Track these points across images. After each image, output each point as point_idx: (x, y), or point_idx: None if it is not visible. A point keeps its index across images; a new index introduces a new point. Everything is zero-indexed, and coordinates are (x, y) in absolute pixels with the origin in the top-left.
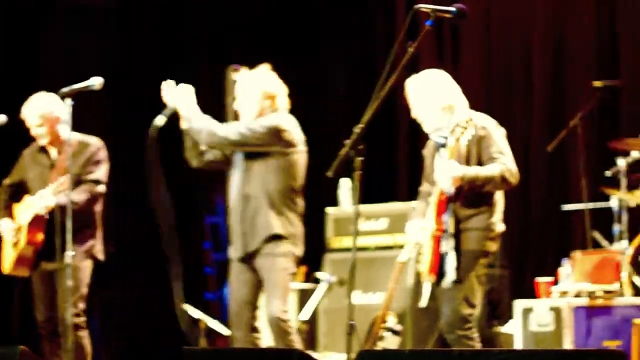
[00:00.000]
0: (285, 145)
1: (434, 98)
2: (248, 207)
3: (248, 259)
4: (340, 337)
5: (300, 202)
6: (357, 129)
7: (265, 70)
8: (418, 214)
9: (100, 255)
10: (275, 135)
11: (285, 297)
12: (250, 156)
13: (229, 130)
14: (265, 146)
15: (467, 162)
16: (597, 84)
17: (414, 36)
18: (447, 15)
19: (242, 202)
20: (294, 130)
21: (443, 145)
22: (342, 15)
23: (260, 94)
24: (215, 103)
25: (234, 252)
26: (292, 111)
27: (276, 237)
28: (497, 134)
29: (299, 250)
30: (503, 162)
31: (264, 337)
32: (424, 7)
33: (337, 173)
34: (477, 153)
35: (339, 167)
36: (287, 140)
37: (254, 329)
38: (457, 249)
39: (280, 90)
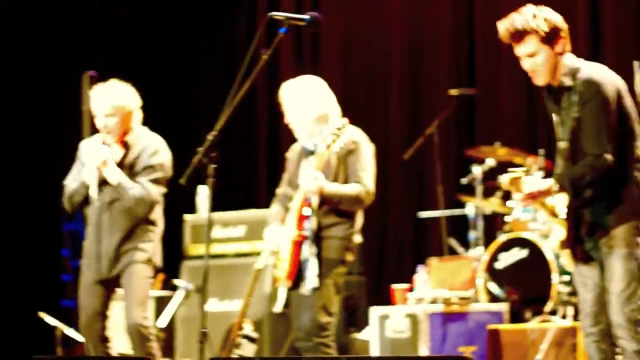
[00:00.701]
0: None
1: (309, 105)
2: None
3: None
4: (197, 345)
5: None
6: (210, 136)
7: (117, 84)
8: (275, 218)
9: None
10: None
11: (145, 304)
12: None
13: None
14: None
15: (335, 174)
16: (453, 92)
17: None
18: (301, 23)
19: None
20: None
21: (312, 152)
22: (205, 23)
23: (120, 112)
24: (72, 109)
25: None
26: (151, 120)
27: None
28: (366, 151)
29: (157, 258)
30: (364, 183)
31: (115, 346)
32: (278, 14)
33: (189, 181)
34: (344, 165)
35: (191, 174)
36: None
37: (105, 339)
38: (319, 256)
39: (136, 103)
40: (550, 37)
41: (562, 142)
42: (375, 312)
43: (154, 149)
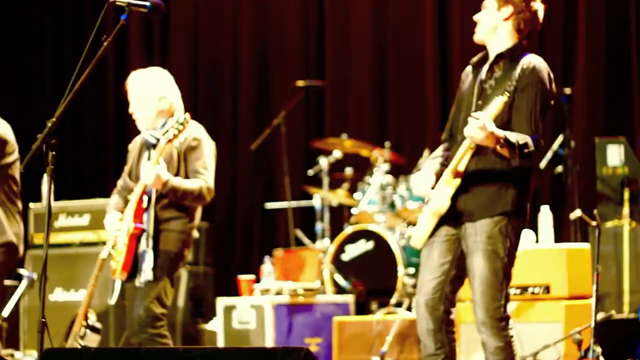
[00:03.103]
0: (5, 156)
1: (153, 97)
2: None
3: None
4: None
5: (19, 203)
6: (50, 123)
7: None
8: (113, 208)
9: None
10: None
11: None
12: None
13: None
14: None
15: (176, 169)
16: (301, 83)
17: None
18: (143, 10)
19: None
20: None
21: (154, 145)
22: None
23: None
24: None
25: None
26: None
27: None
28: (207, 148)
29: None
30: (205, 179)
31: None
32: (120, 0)
33: (27, 167)
34: (185, 162)
35: (30, 161)
36: (8, 152)
37: None
38: (156, 249)
39: None
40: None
41: (483, 109)
42: (221, 303)
43: None
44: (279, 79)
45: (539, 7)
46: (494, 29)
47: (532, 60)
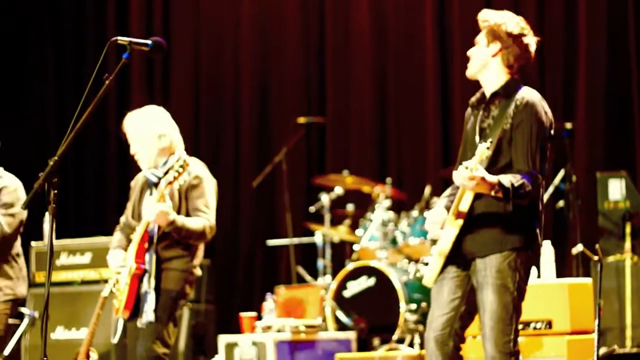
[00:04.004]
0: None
1: (154, 137)
2: None
3: None
4: None
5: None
6: (51, 161)
7: None
8: (115, 245)
9: None
10: None
11: None
12: None
13: None
14: None
15: (177, 208)
16: (302, 120)
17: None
18: (144, 49)
19: None
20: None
21: (155, 184)
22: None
23: None
24: None
25: None
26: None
27: None
28: (209, 186)
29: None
30: (207, 218)
31: None
32: (122, 39)
33: (29, 206)
34: (186, 200)
35: (32, 200)
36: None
37: None
38: (157, 288)
39: None
40: (493, 35)
41: (487, 149)
42: (223, 340)
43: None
44: (279, 116)
45: (530, 41)
46: (485, 65)
47: (525, 95)
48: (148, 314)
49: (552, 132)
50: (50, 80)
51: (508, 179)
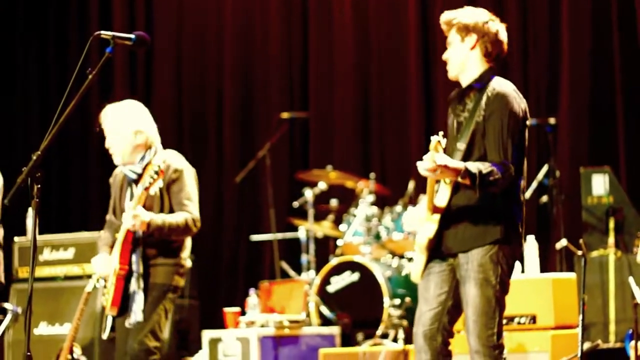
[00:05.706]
0: None
1: (130, 132)
2: None
3: None
4: None
5: None
6: (35, 156)
7: None
8: (103, 244)
9: None
10: None
11: None
12: None
13: None
14: None
15: (160, 204)
16: (285, 115)
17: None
18: (127, 43)
19: None
20: None
21: (135, 181)
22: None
23: None
24: None
25: None
26: None
27: None
28: (189, 178)
29: None
30: (189, 211)
31: None
32: (105, 33)
33: (13, 201)
34: (168, 194)
35: (15, 194)
36: None
37: None
38: (146, 285)
39: None
40: (465, 30)
41: (459, 143)
42: (207, 336)
43: None
44: (263, 111)
45: (499, 27)
46: (465, 62)
47: (496, 85)
48: (137, 314)
49: (527, 121)
50: (34, 75)
51: (476, 166)
